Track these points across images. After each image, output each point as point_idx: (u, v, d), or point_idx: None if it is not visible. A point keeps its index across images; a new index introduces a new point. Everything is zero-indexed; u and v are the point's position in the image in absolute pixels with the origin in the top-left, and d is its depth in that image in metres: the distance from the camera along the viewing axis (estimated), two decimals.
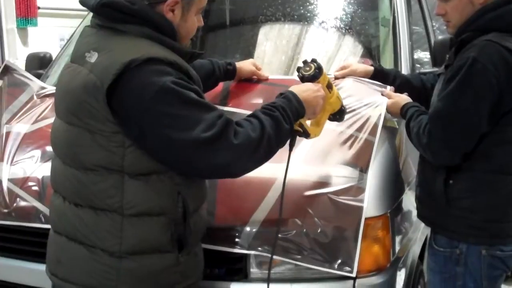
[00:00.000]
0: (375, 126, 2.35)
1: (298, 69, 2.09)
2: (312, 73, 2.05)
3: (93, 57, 1.81)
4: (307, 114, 1.98)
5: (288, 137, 1.94)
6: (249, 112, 1.92)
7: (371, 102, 2.47)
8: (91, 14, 3.79)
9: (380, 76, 2.68)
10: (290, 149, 1.98)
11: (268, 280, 2.01)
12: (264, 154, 1.85)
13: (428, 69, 3.22)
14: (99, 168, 1.79)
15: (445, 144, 2.17)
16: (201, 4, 1.95)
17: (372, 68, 2.70)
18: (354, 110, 2.44)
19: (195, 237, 1.93)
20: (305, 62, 2.10)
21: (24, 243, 2.38)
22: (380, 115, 2.39)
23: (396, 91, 2.60)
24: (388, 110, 2.46)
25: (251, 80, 2.70)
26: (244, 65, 2.67)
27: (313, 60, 2.09)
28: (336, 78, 2.67)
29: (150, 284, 1.84)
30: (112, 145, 1.77)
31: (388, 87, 2.61)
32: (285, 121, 1.88)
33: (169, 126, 1.73)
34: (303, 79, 2.06)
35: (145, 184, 1.79)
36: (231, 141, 1.76)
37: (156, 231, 1.82)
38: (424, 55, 3.58)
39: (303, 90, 1.99)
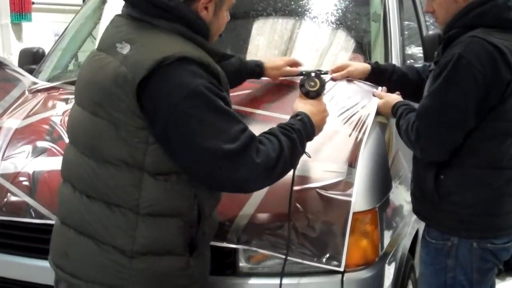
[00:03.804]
0: (365, 123, 2.35)
1: (302, 83, 2.09)
2: (318, 89, 2.08)
3: (125, 49, 1.77)
4: (315, 136, 2.02)
5: (299, 158, 1.96)
6: (244, 109, 1.92)
7: (362, 102, 2.48)
8: (84, 9, 3.82)
9: (377, 73, 2.68)
10: (294, 168, 1.98)
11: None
12: (279, 174, 1.85)
13: (421, 64, 3.23)
14: (119, 162, 1.76)
15: (433, 141, 2.18)
16: (232, 0, 1.94)
17: (368, 66, 2.69)
18: (345, 108, 2.45)
19: (206, 241, 1.91)
20: (308, 75, 2.11)
21: (15, 238, 2.39)
22: (369, 113, 2.40)
23: (393, 85, 2.61)
24: (380, 110, 2.47)
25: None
26: (273, 68, 2.63)
27: (317, 75, 2.10)
28: (334, 80, 2.67)
29: (158, 285, 1.82)
30: (135, 141, 1.74)
31: (380, 87, 2.62)
32: (300, 144, 1.90)
33: (193, 130, 1.71)
34: (308, 94, 2.08)
35: (164, 184, 1.77)
36: (253, 159, 1.75)
37: (170, 233, 1.80)
38: (418, 50, 3.58)
39: (314, 113, 2.02)
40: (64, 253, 1.89)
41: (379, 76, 2.68)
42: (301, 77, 2.16)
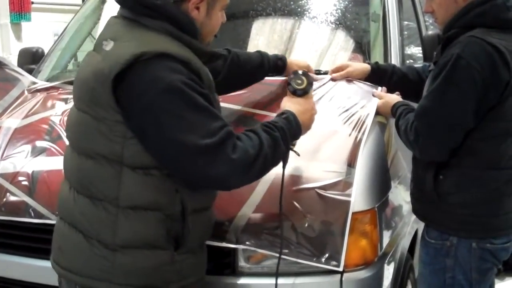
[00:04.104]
0: (364, 123, 2.35)
1: (289, 81, 2.09)
2: (305, 88, 2.07)
3: (108, 46, 1.81)
4: (302, 134, 2.01)
5: (282, 157, 1.95)
6: (233, 107, 1.93)
7: (361, 102, 2.48)
8: (83, 9, 3.82)
9: (377, 74, 2.67)
10: (284, 167, 1.99)
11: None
12: (258, 171, 1.85)
13: (420, 64, 3.23)
14: (99, 156, 1.79)
15: (431, 141, 2.18)
16: (226, 0, 1.94)
17: (368, 66, 2.69)
18: (344, 108, 2.45)
19: (195, 237, 1.90)
20: (295, 73, 2.11)
21: (14, 237, 2.39)
22: (369, 113, 2.40)
23: (393, 86, 2.61)
24: (379, 110, 2.46)
25: None
26: (297, 64, 2.62)
27: (304, 73, 2.10)
28: (333, 80, 2.66)
29: (142, 279, 1.83)
30: (113, 135, 1.77)
31: (379, 87, 2.62)
32: (283, 142, 1.89)
33: (168, 125, 1.72)
34: (295, 93, 2.08)
35: (144, 177, 1.78)
36: (228, 155, 1.74)
37: (151, 227, 1.81)
38: (417, 51, 3.59)
39: (301, 111, 2.01)
40: (59, 247, 1.93)
41: (379, 76, 2.67)
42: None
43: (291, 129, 1.93)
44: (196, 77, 1.77)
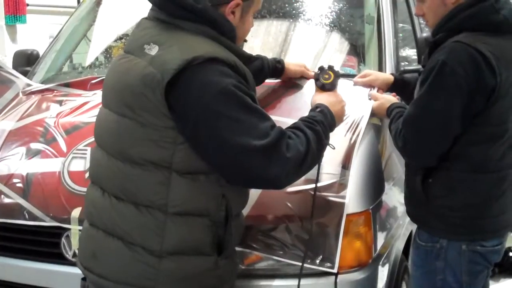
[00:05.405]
0: (359, 125, 2.35)
1: (317, 77, 2.14)
2: (333, 81, 2.14)
3: (153, 50, 1.78)
4: (336, 126, 2.04)
5: (324, 151, 1.96)
6: None
7: (356, 104, 2.47)
8: (78, 11, 3.82)
9: (400, 85, 2.64)
10: (319, 163, 2.01)
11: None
12: (308, 167, 1.87)
13: (415, 66, 3.23)
14: (147, 162, 1.76)
15: (419, 148, 2.18)
16: (258, 6, 1.96)
17: (391, 77, 2.66)
18: None
19: (233, 241, 1.91)
20: (321, 69, 2.16)
21: (8, 239, 2.39)
22: (363, 115, 2.40)
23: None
24: (375, 111, 2.46)
25: None
26: (294, 65, 2.64)
27: (330, 68, 2.15)
28: (354, 84, 2.66)
29: (188, 286, 1.82)
30: (163, 141, 1.75)
31: (376, 88, 2.62)
32: (325, 135, 1.91)
33: (225, 128, 1.72)
34: (324, 87, 2.13)
35: (192, 183, 1.77)
36: (284, 154, 1.75)
37: (198, 232, 1.80)
38: (412, 53, 3.59)
39: (333, 103, 2.05)
40: (92, 254, 1.88)
41: (402, 87, 2.64)
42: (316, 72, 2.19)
43: (327, 121, 1.96)
44: (243, 80, 1.79)
